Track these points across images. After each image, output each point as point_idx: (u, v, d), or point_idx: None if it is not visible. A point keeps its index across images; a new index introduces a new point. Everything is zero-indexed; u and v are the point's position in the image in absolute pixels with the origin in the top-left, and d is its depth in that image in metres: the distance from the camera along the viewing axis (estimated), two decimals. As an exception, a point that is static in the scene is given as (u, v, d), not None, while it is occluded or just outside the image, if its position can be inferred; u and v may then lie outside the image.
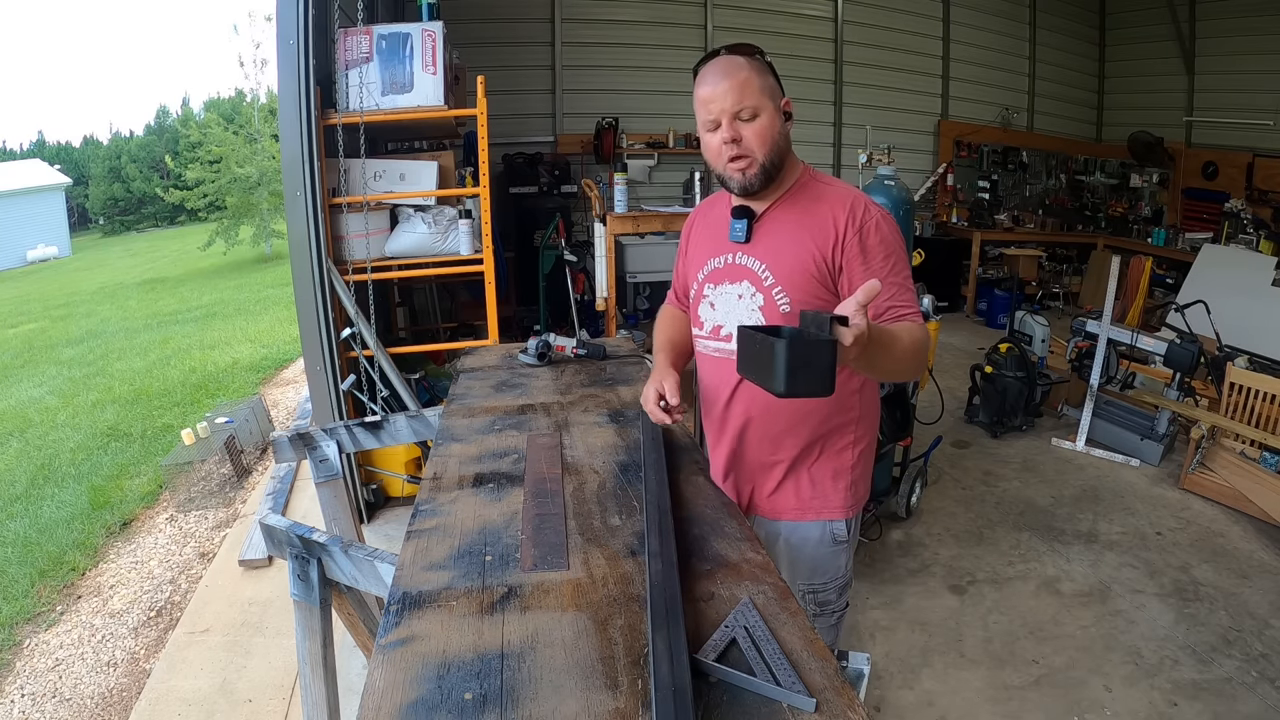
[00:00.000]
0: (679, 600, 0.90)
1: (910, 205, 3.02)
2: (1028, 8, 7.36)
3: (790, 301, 1.30)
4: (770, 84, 1.24)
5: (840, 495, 1.40)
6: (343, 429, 1.86)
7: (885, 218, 1.27)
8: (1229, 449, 3.41)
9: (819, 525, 1.41)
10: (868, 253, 1.24)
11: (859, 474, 1.42)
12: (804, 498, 1.41)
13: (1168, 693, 2.17)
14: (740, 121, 1.22)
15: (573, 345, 1.96)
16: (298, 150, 2.72)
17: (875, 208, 1.27)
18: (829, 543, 1.42)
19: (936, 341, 3.20)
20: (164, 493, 3.87)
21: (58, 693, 2.42)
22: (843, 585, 1.47)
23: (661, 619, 0.86)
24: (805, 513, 1.41)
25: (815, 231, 1.27)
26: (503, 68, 5.71)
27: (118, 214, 28.44)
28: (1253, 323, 4.99)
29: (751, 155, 1.24)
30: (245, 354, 6.92)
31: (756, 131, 1.22)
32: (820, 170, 1.38)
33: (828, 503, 1.40)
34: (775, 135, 1.24)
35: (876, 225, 1.25)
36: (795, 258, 1.29)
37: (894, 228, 1.27)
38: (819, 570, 1.43)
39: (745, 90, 1.20)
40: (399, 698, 0.78)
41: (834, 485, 1.40)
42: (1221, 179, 6.64)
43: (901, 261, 1.26)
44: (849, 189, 1.31)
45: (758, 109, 1.22)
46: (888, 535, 3.03)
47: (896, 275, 1.24)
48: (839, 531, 1.41)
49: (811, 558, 1.42)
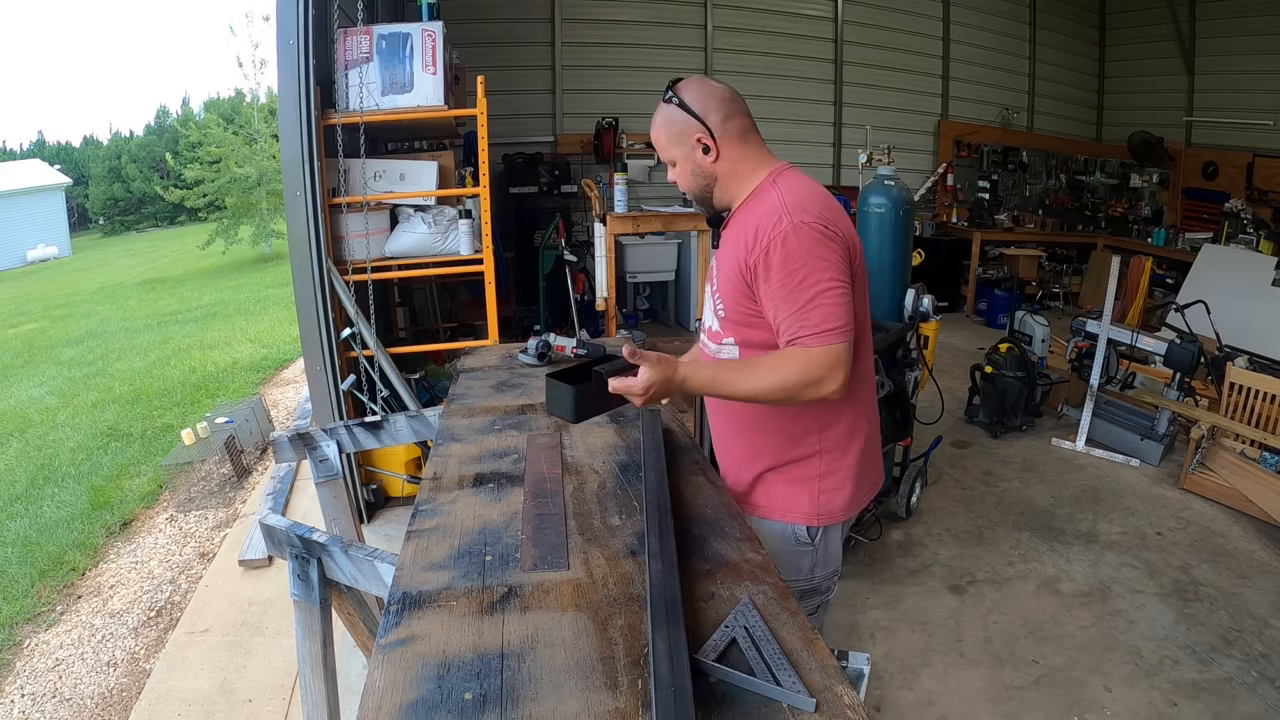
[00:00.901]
0: (679, 601, 0.90)
1: (910, 205, 3.02)
2: (1028, 8, 7.36)
3: (724, 306, 1.34)
4: (677, 129, 1.31)
5: (804, 501, 1.40)
6: (343, 429, 1.87)
7: (802, 227, 1.19)
8: (1229, 449, 3.42)
9: (781, 525, 1.42)
10: (770, 269, 1.21)
11: (829, 486, 1.39)
12: (770, 494, 1.42)
13: (1168, 693, 2.17)
14: (670, 167, 1.37)
15: (573, 345, 1.96)
16: (298, 150, 2.72)
17: (793, 217, 1.20)
18: (791, 542, 1.42)
19: (936, 341, 3.20)
20: (164, 493, 3.87)
21: (58, 693, 2.42)
22: (804, 590, 1.45)
23: (661, 619, 0.86)
24: (771, 511, 1.42)
25: (740, 243, 1.28)
26: (503, 68, 5.71)
27: (118, 214, 28.45)
28: (1253, 323, 4.99)
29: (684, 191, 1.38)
30: (245, 354, 6.92)
31: (677, 177, 1.37)
32: (808, 172, 1.38)
33: (792, 505, 1.41)
34: (688, 177, 1.35)
35: (786, 238, 1.19)
36: (728, 267, 1.32)
37: (814, 239, 1.19)
38: (779, 567, 1.43)
39: (659, 146, 1.35)
40: (399, 698, 0.78)
41: (798, 490, 1.40)
42: (1221, 179, 6.65)
43: (811, 277, 1.18)
44: (779, 201, 1.24)
45: (670, 159, 1.35)
46: (888, 535, 3.03)
47: (799, 293, 1.18)
48: (801, 534, 1.41)
49: (773, 551, 1.41)
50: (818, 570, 1.45)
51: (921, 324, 3.03)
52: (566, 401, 1.29)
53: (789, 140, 6.65)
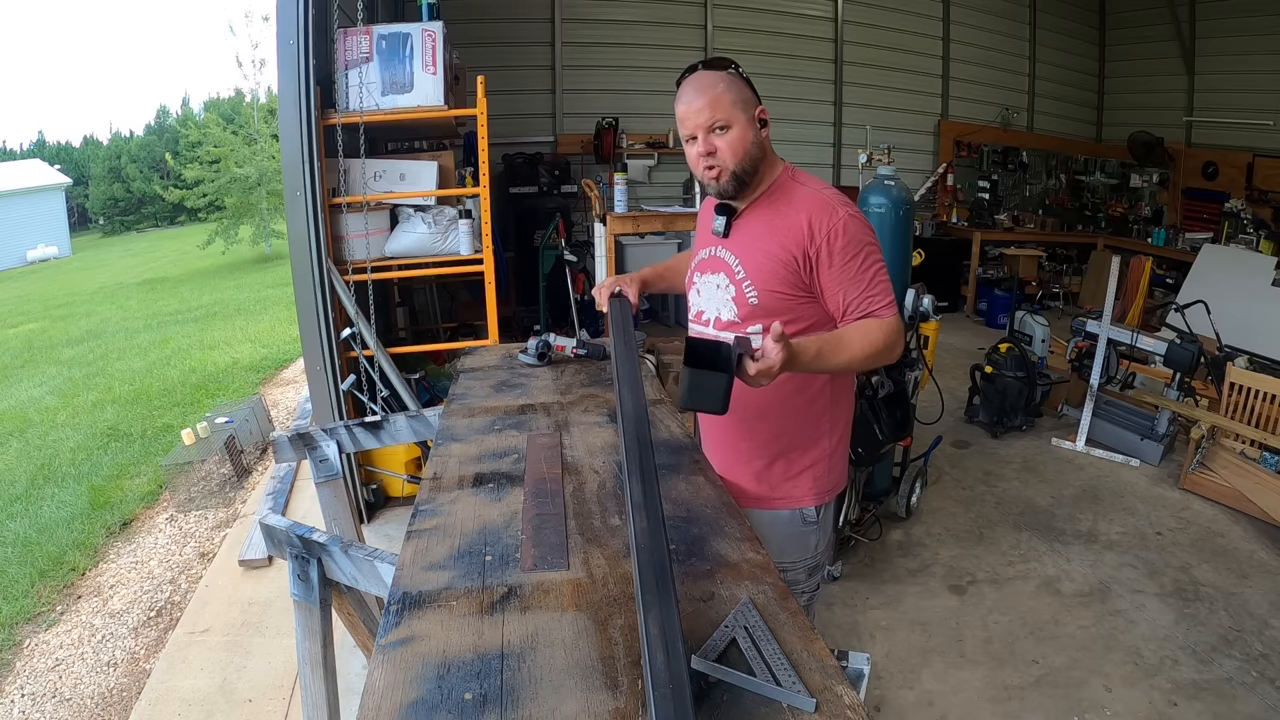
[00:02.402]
0: (668, 567, 0.81)
1: (910, 205, 3.01)
2: (1028, 8, 7.36)
3: (758, 294, 1.39)
4: (744, 96, 1.33)
5: (810, 483, 1.48)
6: (343, 429, 1.86)
7: (853, 217, 1.33)
8: (1229, 449, 3.41)
9: (789, 512, 1.49)
10: (834, 255, 1.31)
11: (832, 464, 1.50)
12: (775, 485, 1.49)
13: (1168, 693, 2.17)
14: (714, 134, 1.32)
15: (573, 345, 1.95)
16: (298, 150, 2.72)
17: (843, 208, 1.33)
18: (798, 524, 1.50)
19: (936, 341, 3.20)
20: (164, 493, 3.87)
21: (58, 693, 2.43)
22: (812, 567, 1.54)
23: (652, 592, 0.77)
24: (776, 500, 1.49)
25: (786, 232, 1.35)
26: (503, 68, 5.70)
27: (118, 214, 28.44)
28: (1253, 323, 4.99)
29: (724, 165, 1.34)
30: (245, 354, 6.92)
31: (729, 143, 1.32)
32: (808, 171, 1.44)
33: (798, 490, 1.48)
34: (747, 145, 1.33)
35: (845, 227, 1.31)
36: (765, 254, 1.37)
37: (863, 226, 1.33)
38: (788, 550, 1.50)
39: (718, 105, 1.31)
40: (399, 698, 0.78)
41: (805, 474, 1.48)
42: (1221, 179, 6.64)
43: (870, 258, 1.32)
44: (820, 191, 1.37)
45: (729, 121, 1.32)
46: (888, 535, 3.03)
47: (864, 273, 1.31)
48: (809, 514, 1.50)
49: (781, 538, 1.49)
50: (821, 545, 1.54)
51: (921, 324, 3.03)
52: (718, 391, 1.12)
53: (789, 140, 6.64)
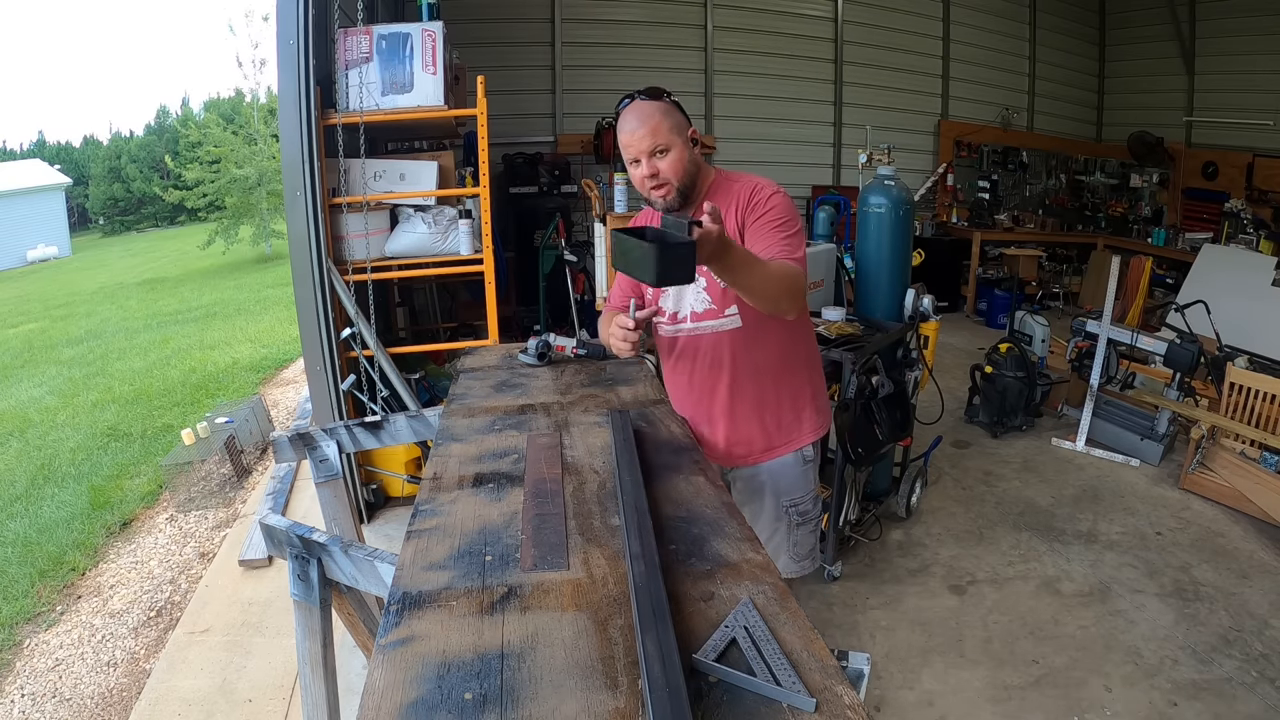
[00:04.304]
0: (665, 601, 0.89)
1: (910, 205, 3.01)
2: (1028, 8, 7.36)
3: None
4: (678, 121, 1.50)
5: (806, 424, 1.73)
6: (343, 429, 1.86)
7: (782, 195, 1.55)
8: (1229, 449, 3.41)
9: (793, 454, 1.73)
10: (761, 218, 1.52)
11: (817, 405, 1.75)
12: (783, 428, 1.71)
13: (1168, 693, 2.17)
14: (656, 157, 1.48)
15: (573, 345, 1.95)
16: (298, 150, 2.72)
17: (770, 188, 1.55)
18: (800, 464, 1.74)
19: (936, 341, 3.20)
20: (164, 493, 3.87)
21: (58, 693, 2.43)
22: (815, 496, 1.80)
23: (650, 621, 0.85)
24: (782, 447, 1.72)
25: (729, 212, 1.54)
26: (503, 68, 5.70)
27: (118, 214, 28.45)
28: (1253, 323, 4.99)
29: (669, 183, 1.50)
30: (245, 354, 6.92)
31: (670, 164, 1.49)
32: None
33: (799, 432, 1.72)
34: (685, 164, 1.50)
35: (774, 201, 1.53)
36: None
37: (790, 205, 1.56)
38: (796, 488, 1.75)
39: (658, 132, 1.46)
40: (399, 698, 0.78)
41: (801, 418, 1.72)
42: (1221, 179, 6.64)
43: (792, 227, 1.52)
44: (754, 178, 1.59)
45: (669, 145, 1.47)
46: (888, 535, 3.04)
47: (784, 232, 1.50)
48: (807, 454, 1.75)
49: (790, 479, 1.75)
50: (815, 477, 1.79)
51: (921, 324, 3.03)
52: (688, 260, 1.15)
53: (789, 140, 6.65)
